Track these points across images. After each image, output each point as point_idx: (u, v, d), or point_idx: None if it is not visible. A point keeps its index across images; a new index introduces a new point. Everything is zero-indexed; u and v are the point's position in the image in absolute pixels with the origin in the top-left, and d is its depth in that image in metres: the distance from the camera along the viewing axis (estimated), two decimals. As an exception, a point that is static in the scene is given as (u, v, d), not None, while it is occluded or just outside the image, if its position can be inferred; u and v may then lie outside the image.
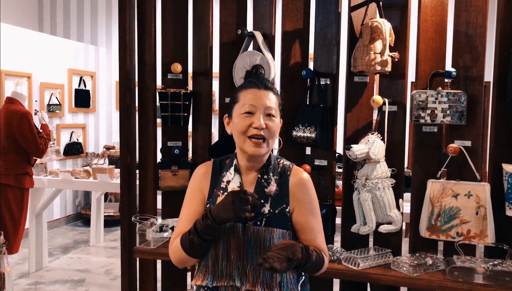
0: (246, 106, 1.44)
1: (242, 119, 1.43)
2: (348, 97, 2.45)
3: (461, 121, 2.23)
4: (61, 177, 4.34)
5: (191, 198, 1.53)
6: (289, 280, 1.47)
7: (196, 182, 1.54)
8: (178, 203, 1.57)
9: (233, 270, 1.43)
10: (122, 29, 2.58)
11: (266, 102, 1.44)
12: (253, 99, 1.44)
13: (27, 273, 4.32)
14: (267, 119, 1.43)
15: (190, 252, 1.42)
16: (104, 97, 6.65)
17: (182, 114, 2.64)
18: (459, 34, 2.27)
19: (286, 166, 1.53)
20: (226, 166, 1.54)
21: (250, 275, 1.42)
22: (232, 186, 1.48)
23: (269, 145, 1.45)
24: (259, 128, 1.41)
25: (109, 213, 5.97)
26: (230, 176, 1.51)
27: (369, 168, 2.24)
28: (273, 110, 1.45)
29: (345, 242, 2.46)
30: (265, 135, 1.42)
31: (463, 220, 2.21)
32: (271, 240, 1.42)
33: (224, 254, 1.43)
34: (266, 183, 1.48)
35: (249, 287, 1.41)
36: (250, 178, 1.51)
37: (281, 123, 1.53)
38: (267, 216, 1.44)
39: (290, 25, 2.52)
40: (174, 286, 2.79)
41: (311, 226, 1.49)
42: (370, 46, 2.19)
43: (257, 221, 1.44)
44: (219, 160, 1.57)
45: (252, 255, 1.42)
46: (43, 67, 5.59)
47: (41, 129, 3.94)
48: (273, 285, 1.43)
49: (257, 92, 1.45)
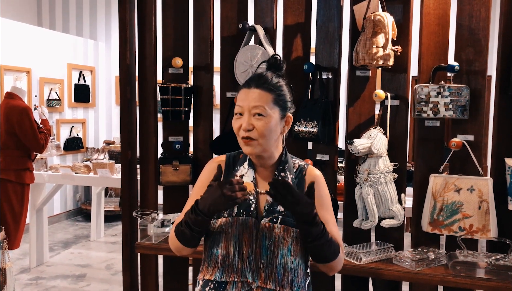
0: (236, 107, 1.44)
1: (235, 121, 1.45)
2: (350, 92, 2.43)
3: (464, 116, 2.22)
4: (61, 172, 4.33)
5: (199, 189, 1.50)
6: (301, 280, 1.45)
7: (206, 175, 1.52)
8: (179, 198, 1.57)
9: (245, 265, 1.40)
10: (122, 23, 2.57)
11: (252, 102, 1.41)
12: (241, 100, 1.43)
13: (28, 268, 4.32)
14: (255, 120, 1.40)
15: (184, 242, 1.42)
16: (103, 92, 6.63)
17: (183, 109, 2.63)
18: (462, 28, 2.26)
19: (301, 166, 1.54)
20: (240, 160, 1.53)
21: (263, 271, 1.40)
22: (245, 180, 1.46)
23: (261, 144, 1.42)
24: (245, 130, 1.40)
25: (109, 208, 5.97)
26: (244, 170, 1.49)
27: (371, 162, 2.23)
28: (259, 109, 1.40)
29: (347, 237, 2.46)
30: (253, 136, 1.40)
31: (465, 215, 2.21)
32: (285, 238, 1.41)
33: (236, 249, 1.41)
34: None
35: (260, 284, 1.39)
36: (264, 174, 1.50)
37: (290, 119, 1.49)
38: (283, 213, 1.43)
39: (292, 19, 2.50)
40: (176, 281, 2.79)
41: (326, 219, 1.47)
42: (373, 40, 2.18)
43: (273, 218, 1.42)
44: (233, 155, 1.56)
45: (265, 251, 1.40)
46: (43, 62, 5.57)
47: (41, 125, 3.93)
48: (285, 284, 1.40)
49: (246, 92, 1.43)
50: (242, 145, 1.44)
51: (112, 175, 4.19)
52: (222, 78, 2.64)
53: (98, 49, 6.54)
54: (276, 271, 1.40)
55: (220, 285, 1.41)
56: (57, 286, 3.93)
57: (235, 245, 1.41)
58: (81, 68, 6.19)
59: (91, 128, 6.49)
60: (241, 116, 1.43)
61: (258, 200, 1.46)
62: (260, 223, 1.42)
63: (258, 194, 1.47)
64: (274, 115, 1.43)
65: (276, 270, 1.40)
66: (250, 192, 1.44)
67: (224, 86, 2.63)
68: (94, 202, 5.19)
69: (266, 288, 1.39)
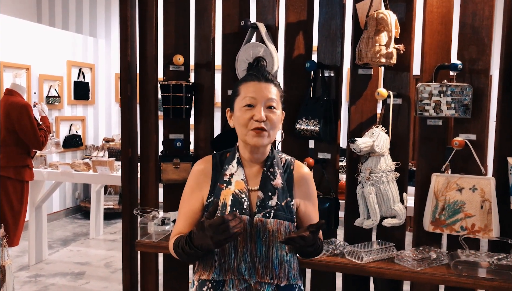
0: (246, 99, 1.44)
1: (244, 112, 1.44)
2: (352, 90, 2.42)
3: (466, 115, 2.21)
4: (60, 169, 4.31)
5: (188, 195, 1.53)
6: (296, 271, 1.49)
7: (194, 179, 1.53)
8: (180, 196, 1.56)
9: (240, 263, 1.43)
10: (124, 21, 2.55)
11: (266, 94, 1.44)
12: (253, 92, 1.44)
13: (27, 266, 4.31)
14: (268, 112, 1.44)
15: (182, 260, 1.48)
16: (103, 89, 6.61)
17: (184, 107, 2.61)
18: (465, 26, 2.25)
19: (288, 160, 1.57)
20: (227, 159, 1.53)
21: (259, 267, 1.43)
22: (236, 179, 1.48)
23: (270, 136, 1.46)
24: (260, 121, 1.41)
25: (108, 206, 5.96)
26: (233, 169, 1.50)
27: (373, 161, 2.22)
28: (274, 102, 1.45)
29: (349, 236, 2.45)
30: (266, 127, 1.43)
31: (467, 214, 2.20)
32: (279, 232, 1.44)
33: (232, 247, 1.43)
34: (272, 176, 1.50)
35: (258, 279, 1.43)
36: (253, 170, 1.51)
37: (283, 116, 1.54)
38: (275, 208, 1.45)
39: (294, 16, 2.49)
40: (176, 279, 2.78)
41: (313, 217, 1.57)
42: (375, 38, 2.16)
43: (266, 213, 1.44)
44: (219, 154, 1.57)
45: (261, 247, 1.43)
46: (42, 59, 5.55)
47: (41, 122, 3.91)
48: (282, 276, 1.44)
49: (257, 84, 1.45)
50: (250, 136, 1.44)
51: (112, 172, 4.18)
52: (223, 76, 2.62)
53: (98, 46, 6.52)
54: (272, 265, 1.44)
55: (218, 283, 1.44)
56: (56, 284, 3.92)
57: (230, 244, 1.42)
58: (80, 66, 6.17)
59: (91, 125, 6.47)
60: (252, 107, 1.43)
61: (249, 197, 1.47)
62: (253, 220, 1.44)
63: (249, 192, 1.48)
64: (280, 109, 1.49)
65: (273, 263, 1.44)
66: (242, 190, 1.46)
67: (225, 84, 2.61)
68: (93, 199, 5.18)
69: (263, 283, 1.43)
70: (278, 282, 1.44)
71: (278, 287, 1.44)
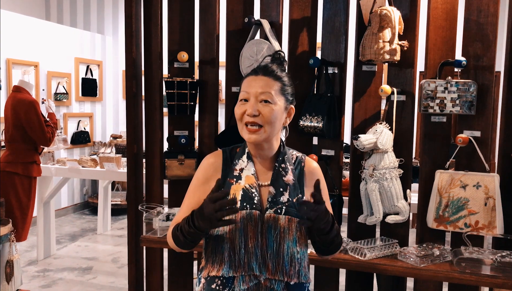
0: (242, 93, 1.44)
1: (238, 106, 1.44)
2: (356, 87, 2.42)
3: (471, 111, 2.20)
4: (68, 165, 4.36)
5: (195, 187, 1.51)
6: (306, 269, 1.47)
7: (202, 172, 1.52)
8: (184, 192, 1.56)
9: (251, 258, 1.40)
10: (129, 17, 2.57)
11: (260, 88, 1.41)
12: (247, 86, 1.43)
13: (36, 261, 4.36)
14: (262, 106, 1.40)
15: (179, 245, 1.45)
16: (111, 86, 6.66)
17: (189, 104, 2.63)
18: (470, 22, 2.23)
19: (299, 157, 1.55)
20: (237, 154, 1.52)
21: (270, 263, 1.40)
22: (246, 173, 1.46)
23: (266, 131, 1.42)
24: (250, 115, 1.40)
25: (116, 202, 6.01)
26: (243, 164, 1.48)
27: (376, 158, 2.22)
28: (268, 95, 1.41)
29: (352, 232, 2.45)
30: (259, 122, 1.40)
31: (471, 211, 2.19)
32: (290, 228, 1.42)
33: (242, 243, 1.40)
34: (284, 172, 1.48)
35: (268, 275, 1.40)
36: (263, 165, 1.50)
37: (293, 111, 1.51)
38: (286, 204, 1.43)
39: (298, 13, 2.49)
40: (181, 274, 2.80)
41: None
42: (379, 34, 2.16)
43: (277, 209, 1.42)
44: (229, 149, 1.55)
45: (271, 243, 1.41)
46: (50, 56, 5.59)
47: (48, 118, 3.95)
48: (292, 274, 1.42)
49: (253, 78, 1.44)
50: (245, 134, 1.43)
51: (119, 168, 4.22)
52: (227, 72, 2.63)
53: (106, 43, 6.56)
54: (283, 261, 1.41)
55: (228, 280, 1.40)
56: (64, 278, 3.97)
57: (240, 239, 1.40)
58: (88, 62, 6.21)
59: (98, 122, 6.51)
60: (246, 102, 1.42)
61: (260, 192, 1.45)
62: (264, 215, 1.42)
63: (260, 187, 1.46)
64: (279, 103, 1.44)
65: (283, 260, 1.41)
66: (252, 185, 1.44)
67: (229, 81, 2.62)
68: (101, 195, 5.22)
69: (274, 280, 1.40)
70: (288, 280, 1.41)
71: (288, 285, 1.41)
